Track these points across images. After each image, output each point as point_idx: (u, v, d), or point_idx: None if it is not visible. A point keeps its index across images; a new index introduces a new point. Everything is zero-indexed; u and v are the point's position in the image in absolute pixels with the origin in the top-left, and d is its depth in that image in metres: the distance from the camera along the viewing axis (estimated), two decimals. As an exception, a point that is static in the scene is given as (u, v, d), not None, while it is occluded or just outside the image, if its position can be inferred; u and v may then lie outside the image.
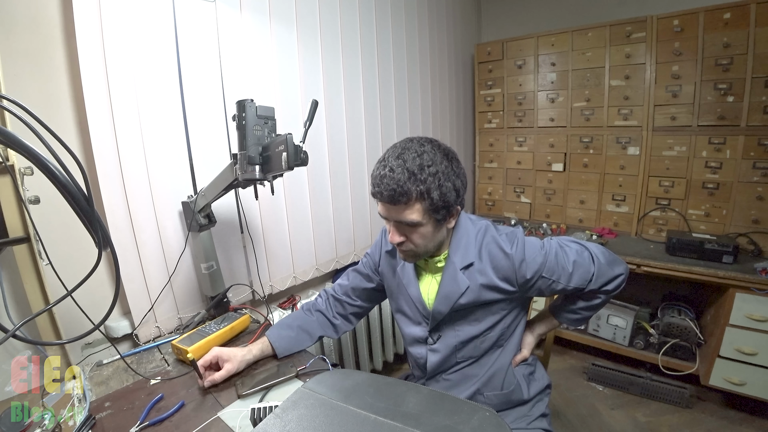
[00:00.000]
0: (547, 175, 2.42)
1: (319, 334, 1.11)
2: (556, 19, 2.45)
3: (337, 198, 1.76)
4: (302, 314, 1.13)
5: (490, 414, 0.60)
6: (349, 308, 1.14)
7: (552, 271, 0.91)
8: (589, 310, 1.01)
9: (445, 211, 0.84)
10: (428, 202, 0.80)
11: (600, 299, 0.98)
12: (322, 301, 1.16)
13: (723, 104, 1.82)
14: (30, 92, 0.98)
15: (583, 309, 1.01)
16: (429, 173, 0.79)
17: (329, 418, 0.60)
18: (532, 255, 0.89)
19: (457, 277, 0.92)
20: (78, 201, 0.58)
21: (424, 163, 0.79)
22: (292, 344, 1.05)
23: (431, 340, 1.00)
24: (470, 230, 0.94)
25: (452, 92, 2.52)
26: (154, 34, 1.13)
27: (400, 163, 0.80)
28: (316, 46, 1.59)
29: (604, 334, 2.11)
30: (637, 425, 1.77)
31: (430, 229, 0.85)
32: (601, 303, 0.99)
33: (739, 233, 1.84)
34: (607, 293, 0.96)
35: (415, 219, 0.81)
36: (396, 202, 0.80)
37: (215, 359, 0.95)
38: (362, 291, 1.13)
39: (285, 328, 1.07)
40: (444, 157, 0.83)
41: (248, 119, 0.94)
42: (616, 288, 0.96)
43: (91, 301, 0.84)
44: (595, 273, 0.92)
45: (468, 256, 0.92)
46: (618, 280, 0.96)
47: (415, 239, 0.86)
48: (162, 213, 1.19)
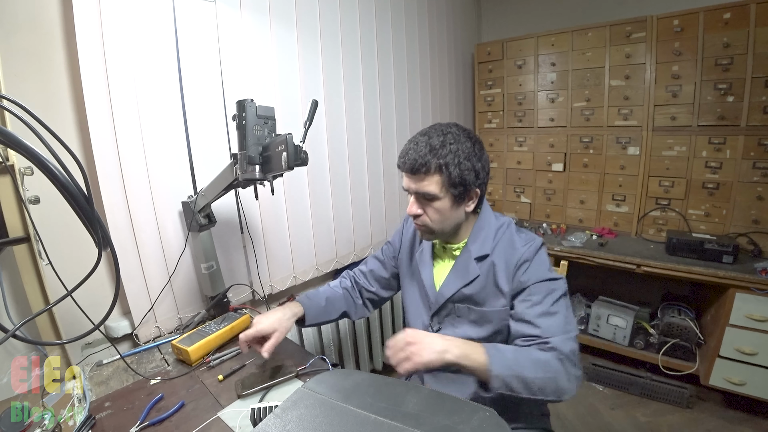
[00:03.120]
0: (547, 175, 2.42)
1: (344, 309, 1.13)
2: (556, 19, 2.45)
3: (337, 198, 1.76)
4: (329, 289, 1.15)
5: (490, 414, 0.60)
6: (366, 293, 1.17)
7: (536, 296, 0.85)
8: (522, 374, 0.75)
9: (463, 189, 0.87)
10: (446, 176, 0.85)
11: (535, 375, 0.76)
12: (348, 281, 1.19)
13: (723, 104, 1.82)
14: (30, 92, 0.98)
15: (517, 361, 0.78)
16: (450, 150, 0.84)
17: (329, 418, 0.60)
18: (538, 263, 0.88)
19: (469, 265, 0.94)
20: (78, 201, 0.58)
21: (447, 140, 0.86)
22: (320, 314, 1.08)
23: (431, 330, 1.02)
24: (492, 224, 0.96)
25: (452, 92, 2.52)
26: (154, 34, 1.13)
27: (425, 139, 0.87)
28: (316, 46, 1.59)
29: (604, 334, 2.11)
30: (637, 425, 1.77)
31: (447, 204, 0.88)
32: (531, 381, 0.75)
33: (739, 233, 1.84)
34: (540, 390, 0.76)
35: (432, 191, 0.86)
36: (416, 172, 0.86)
37: (258, 334, 0.93)
38: (380, 277, 1.17)
39: (315, 297, 1.09)
40: (467, 138, 0.88)
41: (248, 119, 0.94)
42: (550, 390, 0.76)
43: (91, 301, 0.84)
44: (558, 339, 0.79)
45: (484, 247, 0.94)
46: (559, 389, 0.76)
47: (431, 213, 0.89)
48: (162, 213, 1.19)
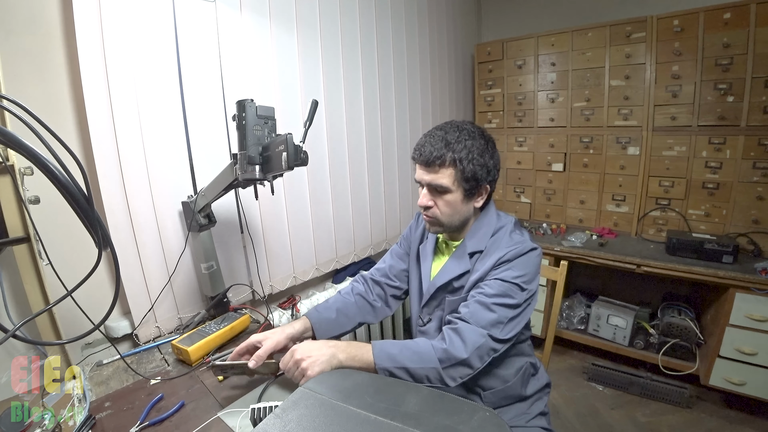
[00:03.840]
0: (547, 175, 2.42)
1: (359, 321, 1.11)
2: (556, 19, 2.45)
3: (337, 198, 1.76)
4: (341, 298, 1.12)
5: (490, 414, 0.60)
6: (389, 290, 1.15)
7: (489, 289, 0.87)
8: (407, 355, 0.84)
9: (474, 183, 0.89)
10: (459, 170, 0.87)
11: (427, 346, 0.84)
12: (361, 285, 1.16)
13: (723, 104, 1.82)
14: (30, 92, 0.98)
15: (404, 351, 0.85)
16: (465, 146, 0.87)
17: (329, 418, 0.60)
18: (516, 266, 0.87)
19: (462, 259, 0.95)
20: (78, 201, 0.58)
21: (462, 136, 0.88)
22: (332, 327, 1.05)
23: (421, 321, 1.03)
24: (493, 222, 0.97)
25: (452, 92, 2.52)
26: (154, 34, 1.13)
27: (441, 133, 0.90)
28: (316, 46, 1.59)
29: (604, 334, 2.11)
30: (637, 425, 1.77)
31: (458, 198, 0.90)
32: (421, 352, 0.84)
33: (739, 233, 1.84)
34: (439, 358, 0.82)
35: (445, 183, 0.88)
36: (431, 165, 0.88)
37: (250, 346, 0.92)
38: (400, 271, 1.15)
39: (324, 310, 1.07)
40: (481, 136, 0.91)
41: (248, 119, 0.93)
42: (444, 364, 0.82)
43: (91, 301, 0.84)
44: (469, 327, 0.84)
45: (480, 244, 0.95)
46: (452, 368, 0.82)
47: (442, 206, 0.91)
48: (162, 213, 1.19)
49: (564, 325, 2.26)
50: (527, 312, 0.91)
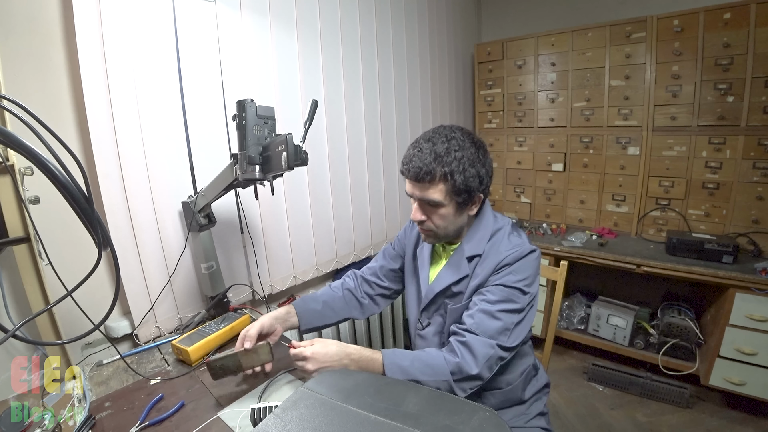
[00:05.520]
0: (547, 175, 2.42)
1: (344, 315, 1.12)
2: (556, 19, 2.45)
3: (337, 198, 1.76)
4: (329, 291, 1.14)
5: (490, 414, 0.60)
6: (377, 289, 1.16)
7: (491, 296, 0.86)
8: (419, 368, 0.84)
9: (467, 195, 0.86)
10: (451, 184, 0.84)
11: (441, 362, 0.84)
12: (351, 281, 1.17)
13: (723, 104, 1.82)
14: (30, 92, 0.98)
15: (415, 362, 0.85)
16: (455, 157, 0.83)
17: (329, 418, 0.60)
18: (516, 269, 0.86)
19: (461, 263, 0.94)
20: (78, 201, 0.58)
21: (452, 147, 0.84)
22: (316, 318, 1.07)
23: (420, 325, 1.03)
24: (489, 225, 0.95)
25: (452, 92, 2.52)
26: (154, 34, 1.13)
27: (429, 145, 0.85)
28: (316, 46, 1.59)
29: (604, 334, 2.11)
30: (637, 425, 1.77)
31: (452, 210, 0.88)
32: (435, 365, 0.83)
33: (739, 233, 1.84)
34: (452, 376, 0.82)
35: (437, 198, 0.85)
36: (421, 180, 0.85)
37: (242, 340, 0.92)
38: (389, 271, 1.16)
39: (311, 301, 1.08)
40: (472, 144, 0.86)
41: (248, 119, 0.93)
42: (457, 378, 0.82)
43: (91, 301, 0.84)
44: (478, 339, 0.83)
45: (477, 247, 0.93)
46: (464, 378, 0.82)
47: (436, 220, 0.89)
48: (162, 213, 1.19)
49: (564, 325, 2.26)
50: (531, 316, 0.90)
